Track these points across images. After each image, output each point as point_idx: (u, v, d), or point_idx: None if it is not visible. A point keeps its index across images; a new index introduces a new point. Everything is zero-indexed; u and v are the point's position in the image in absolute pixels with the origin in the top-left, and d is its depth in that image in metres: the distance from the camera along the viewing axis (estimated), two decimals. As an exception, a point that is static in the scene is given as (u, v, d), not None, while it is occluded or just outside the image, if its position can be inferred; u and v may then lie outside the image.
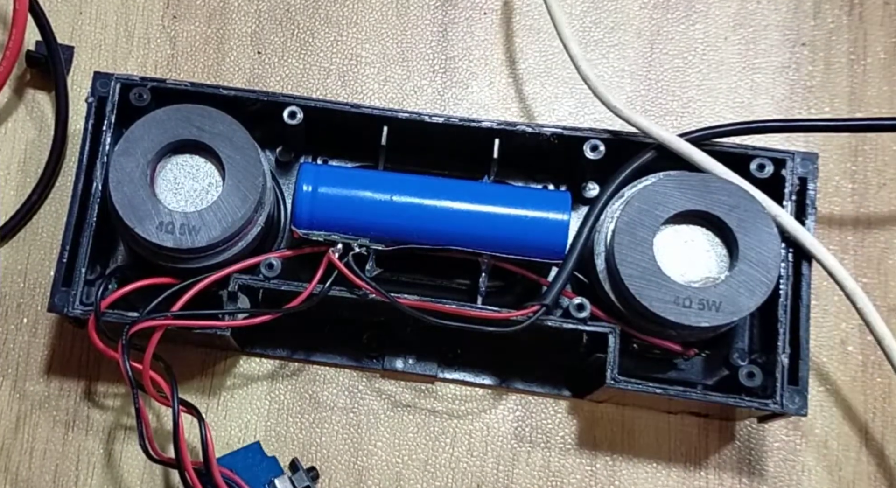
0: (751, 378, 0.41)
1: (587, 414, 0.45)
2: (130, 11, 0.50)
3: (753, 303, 0.39)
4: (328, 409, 0.46)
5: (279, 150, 0.46)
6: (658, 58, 0.49)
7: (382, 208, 0.41)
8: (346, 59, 0.50)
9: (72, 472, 0.45)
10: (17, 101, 0.49)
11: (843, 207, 0.47)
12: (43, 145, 0.49)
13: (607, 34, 0.50)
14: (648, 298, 0.39)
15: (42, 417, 0.46)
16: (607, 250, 0.41)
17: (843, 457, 0.45)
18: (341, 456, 0.45)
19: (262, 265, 0.41)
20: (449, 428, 0.45)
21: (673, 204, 0.40)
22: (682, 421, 0.45)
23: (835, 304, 0.46)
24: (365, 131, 0.44)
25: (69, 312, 0.41)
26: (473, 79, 0.49)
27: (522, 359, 0.46)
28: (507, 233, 0.41)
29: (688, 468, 0.45)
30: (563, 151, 0.44)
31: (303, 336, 0.46)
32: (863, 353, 0.46)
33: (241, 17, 0.50)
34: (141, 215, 0.40)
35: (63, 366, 0.46)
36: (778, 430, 0.45)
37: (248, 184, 0.41)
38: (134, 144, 0.41)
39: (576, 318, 0.41)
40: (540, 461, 0.45)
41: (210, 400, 0.46)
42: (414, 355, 0.45)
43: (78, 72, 0.50)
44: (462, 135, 0.43)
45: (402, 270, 0.44)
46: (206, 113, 0.41)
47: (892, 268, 0.47)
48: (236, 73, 0.50)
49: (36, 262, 0.47)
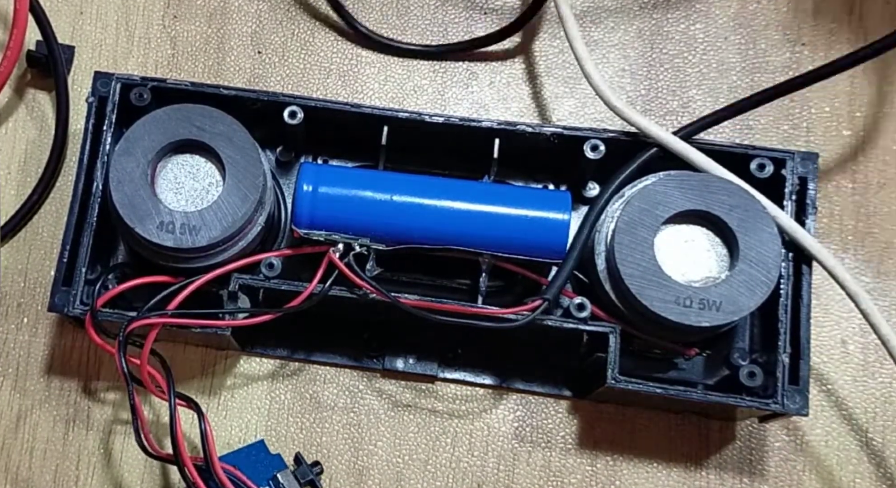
0: (751, 377, 0.41)
1: (588, 414, 0.45)
2: (131, 11, 0.50)
3: (754, 302, 0.39)
4: (328, 409, 0.46)
5: (279, 150, 0.46)
6: (658, 58, 0.50)
7: (383, 208, 0.41)
8: (346, 58, 0.50)
9: (72, 471, 0.45)
10: (18, 101, 0.50)
11: (843, 207, 0.47)
12: (43, 145, 0.49)
13: (607, 34, 0.50)
14: (649, 298, 0.39)
15: (42, 416, 0.46)
16: (608, 250, 0.41)
17: (843, 457, 0.45)
18: (342, 456, 0.45)
19: (263, 264, 0.41)
20: (449, 427, 0.45)
21: (673, 203, 0.40)
22: (683, 421, 0.45)
23: (835, 304, 0.46)
24: (365, 131, 0.44)
25: (69, 312, 0.41)
26: (474, 79, 0.49)
27: (523, 359, 0.46)
28: (507, 233, 0.41)
29: (688, 468, 0.45)
30: (563, 151, 0.44)
31: (303, 336, 0.46)
32: (863, 353, 0.46)
33: (241, 17, 0.50)
34: (141, 215, 0.40)
35: (63, 365, 0.46)
36: (779, 430, 0.45)
37: (248, 184, 0.41)
38: (134, 144, 0.41)
39: (576, 318, 0.41)
40: (541, 461, 0.45)
41: (210, 399, 0.46)
42: (414, 355, 0.45)
43: (78, 72, 0.50)
44: (462, 135, 0.43)
45: (402, 270, 0.44)
46: (207, 113, 0.41)
47: (893, 269, 0.47)
48: (237, 73, 0.50)
49: (36, 262, 0.47)
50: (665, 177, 0.42)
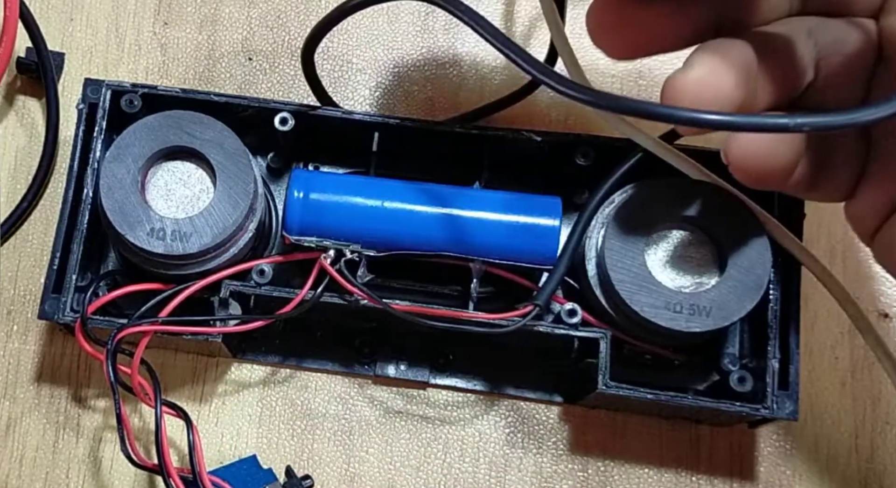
0: (741, 383, 0.41)
1: (579, 420, 0.45)
2: (121, 18, 0.50)
3: (744, 308, 0.40)
4: (320, 416, 0.46)
5: (270, 157, 0.46)
6: (647, 62, 0.50)
7: (374, 214, 0.41)
8: (337, 65, 0.50)
9: (62, 479, 0.45)
10: (8, 108, 0.49)
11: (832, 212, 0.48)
12: (33, 152, 0.48)
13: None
14: (639, 304, 0.39)
15: (32, 424, 0.45)
16: (598, 255, 0.41)
17: (833, 462, 0.45)
18: (333, 463, 0.45)
19: (254, 271, 0.41)
20: (441, 434, 0.45)
21: (663, 209, 0.41)
22: (674, 427, 0.45)
23: (825, 310, 0.46)
24: (356, 137, 0.44)
25: (60, 319, 0.41)
26: (464, 85, 0.50)
27: (514, 365, 0.46)
28: (498, 239, 0.41)
29: (679, 473, 0.45)
30: (553, 157, 0.44)
31: (294, 342, 0.46)
32: (852, 358, 0.46)
33: (232, 24, 0.50)
34: (132, 221, 0.40)
35: (53, 372, 0.46)
36: (769, 435, 0.45)
37: (239, 191, 0.41)
38: (125, 151, 0.41)
39: (567, 324, 0.41)
40: (532, 466, 0.45)
41: (201, 407, 0.46)
42: (406, 361, 0.45)
43: (68, 78, 0.50)
44: (453, 142, 0.44)
45: (393, 276, 0.44)
46: (197, 119, 0.41)
47: (882, 273, 0.47)
48: (227, 80, 0.50)
49: (26, 269, 0.47)
50: (655, 182, 0.42)
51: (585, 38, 0.38)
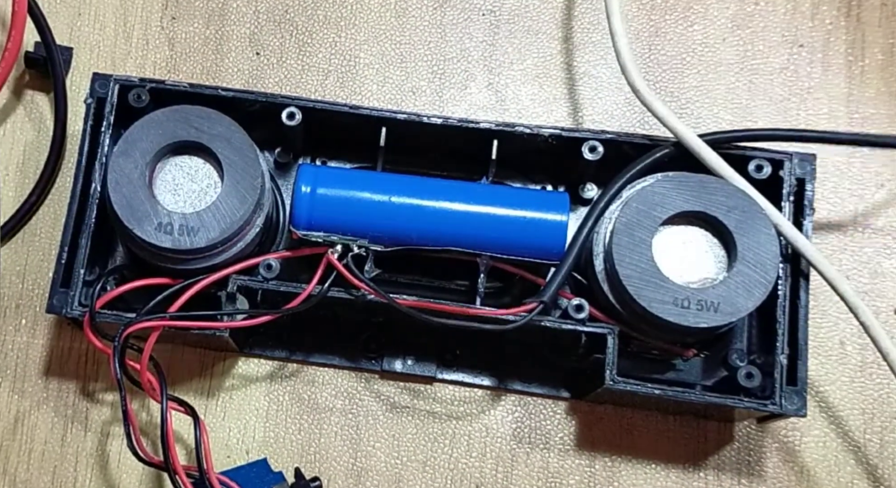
0: (749, 378, 0.41)
1: (586, 415, 0.45)
2: (129, 13, 0.50)
3: (752, 303, 0.39)
4: (327, 410, 0.46)
5: (278, 151, 0.46)
6: (656, 59, 0.50)
7: (381, 209, 0.41)
8: (344, 60, 0.50)
9: (70, 473, 0.45)
10: (16, 103, 0.49)
11: (841, 208, 0.48)
12: (42, 146, 0.49)
13: (605, 36, 0.50)
14: (647, 299, 0.39)
15: (40, 418, 0.46)
16: (606, 251, 0.41)
17: (841, 458, 0.45)
18: (340, 458, 0.45)
19: (261, 266, 0.41)
20: (448, 429, 0.45)
21: (671, 205, 0.41)
22: (681, 422, 0.45)
23: (833, 305, 0.46)
24: (363, 132, 0.44)
25: (68, 313, 0.41)
26: (472, 80, 0.49)
27: (521, 360, 0.46)
28: (505, 234, 0.41)
29: (687, 469, 0.45)
30: (561, 152, 0.44)
31: (302, 337, 0.46)
32: (861, 354, 0.46)
33: (239, 19, 0.50)
34: (140, 216, 0.40)
35: (61, 367, 0.46)
36: (777, 431, 0.45)
37: (246, 185, 0.41)
38: (132, 145, 0.41)
39: (574, 319, 0.41)
40: (539, 462, 0.45)
41: (209, 401, 0.46)
42: (412, 356, 0.45)
43: (77, 73, 0.50)
44: (460, 136, 0.43)
45: (400, 271, 0.44)
46: (205, 114, 0.41)
47: (890, 270, 0.47)
48: (235, 75, 0.50)
49: (35, 263, 0.47)
50: (663, 178, 0.42)
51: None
